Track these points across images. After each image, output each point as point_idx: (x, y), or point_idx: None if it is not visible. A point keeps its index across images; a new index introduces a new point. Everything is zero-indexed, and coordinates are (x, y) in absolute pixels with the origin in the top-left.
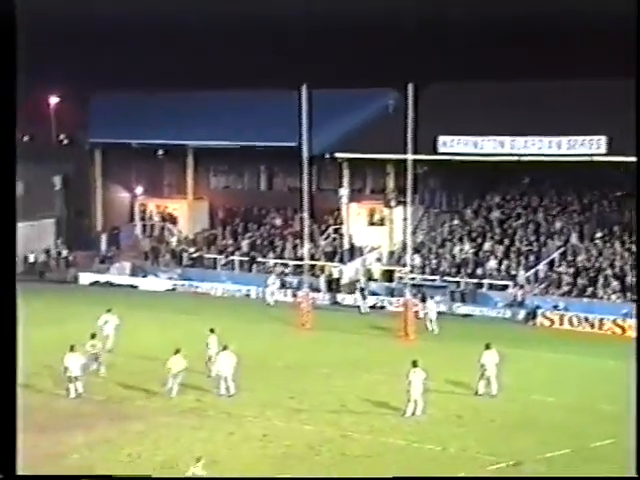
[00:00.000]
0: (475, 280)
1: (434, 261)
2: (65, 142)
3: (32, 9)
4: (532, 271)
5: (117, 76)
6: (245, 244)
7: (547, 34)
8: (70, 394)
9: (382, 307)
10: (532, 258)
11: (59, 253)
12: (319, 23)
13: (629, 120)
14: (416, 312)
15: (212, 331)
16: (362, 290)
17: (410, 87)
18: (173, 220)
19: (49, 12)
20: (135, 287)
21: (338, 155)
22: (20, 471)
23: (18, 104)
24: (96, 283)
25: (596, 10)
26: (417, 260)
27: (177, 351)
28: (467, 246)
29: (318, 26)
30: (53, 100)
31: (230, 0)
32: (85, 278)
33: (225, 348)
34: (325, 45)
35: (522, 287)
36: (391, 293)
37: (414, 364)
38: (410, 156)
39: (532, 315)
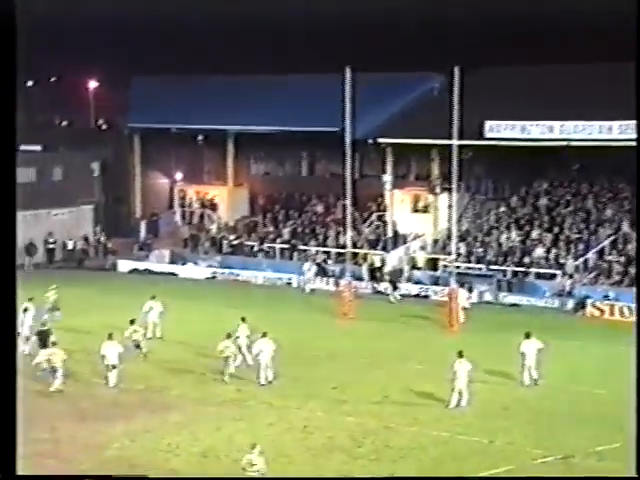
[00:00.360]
0: (522, 269)
1: (480, 249)
2: (104, 127)
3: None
4: (581, 260)
5: (156, 60)
6: (286, 232)
7: (593, 17)
8: (109, 383)
9: (426, 296)
10: (581, 246)
11: (98, 240)
12: (364, 5)
13: None
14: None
15: (243, 320)
16: (392, 281)
17: (456, 70)
18: (213, 207)
19: None
20: (174, 275)
21: (382, 140)
22: (61, 459)
23: (56, 89)
24: (135, 271)
25: None
26: (462, 248)
27: (229, 335)
28: (514, 234)
29: (363, 8)
30: (92, 85)
31: None
32: (124, 266)
33: (264, 335)
34: (369, 27)
35: (571, 276)
36: (435, 282)
37: (459, 354)
38: (455, 141)
39: (581, 305)
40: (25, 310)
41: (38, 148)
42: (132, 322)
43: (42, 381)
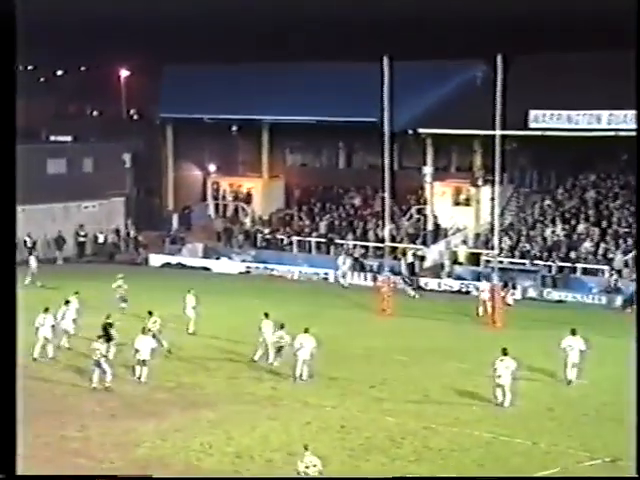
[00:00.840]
0: (568, 264)
1: (524, 244)
2: (135, 117)
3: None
4: (630, 255)
5: (189, 48)
6: (323, 225)
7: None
8: (141, 378)
9: (467, 292)
10: (630, 241)
11: (128, 234)
12: None
13: None
14: (504, 298)
15: (267, 316)
16: (410, 273)
17: (499, 58)
18: (247, 199)
19: None
20: (207, 269)
21: (422, 131)
22: (91, 457)
23: (87, 78)
24: (167, 265)
25: None
26: (505, 243)
27: (282, 326)
28: (559, 228)
29: None
30: (123, 74)
31: None
32: (155, 260)
33: (306, 331)
34: (409, 14)
35: (619, 272)
36: (477, 277)
37: (503, 352)
38: (499, 132)
39: (630, 302)
40: (67, 303)
41: (68, 139)
42: (150, 314)
43: (75, 377)
